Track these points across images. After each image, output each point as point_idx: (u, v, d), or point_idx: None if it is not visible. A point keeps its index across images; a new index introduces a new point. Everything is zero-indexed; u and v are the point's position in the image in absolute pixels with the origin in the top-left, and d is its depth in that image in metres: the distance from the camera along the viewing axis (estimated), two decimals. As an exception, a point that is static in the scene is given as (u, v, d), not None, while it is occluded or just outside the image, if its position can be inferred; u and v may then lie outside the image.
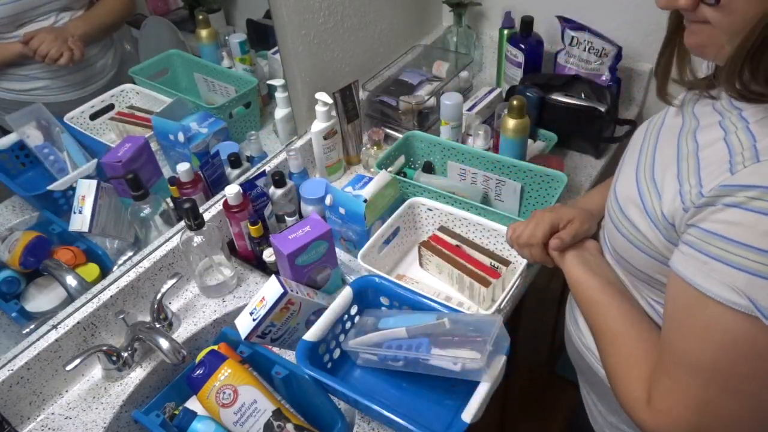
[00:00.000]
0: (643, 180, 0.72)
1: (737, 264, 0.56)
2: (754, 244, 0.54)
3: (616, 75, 1.45)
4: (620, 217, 0.74)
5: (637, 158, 0.77)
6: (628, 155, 0.83)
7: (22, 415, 0.94)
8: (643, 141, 0.80)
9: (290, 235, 1.01)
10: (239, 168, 1.25)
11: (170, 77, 1.32)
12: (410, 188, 1.22)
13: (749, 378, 0.59)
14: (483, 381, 0.83)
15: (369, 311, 1.00)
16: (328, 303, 0.98)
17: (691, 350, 0.61)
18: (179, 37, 1.30)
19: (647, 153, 0.76)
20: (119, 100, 1.22)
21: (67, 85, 1.13)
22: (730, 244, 0.56)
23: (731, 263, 0.56)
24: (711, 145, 0.63)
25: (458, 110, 1.33)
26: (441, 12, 1.75)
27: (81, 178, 1.07)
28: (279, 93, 1.29)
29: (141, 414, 0.93)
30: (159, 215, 1.12)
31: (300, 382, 0.94)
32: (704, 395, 0.61)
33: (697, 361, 0.61)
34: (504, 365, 0.85)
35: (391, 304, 1.00)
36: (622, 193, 0.75)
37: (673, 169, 0.67)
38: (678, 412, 0.62)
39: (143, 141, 1.12)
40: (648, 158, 0.74)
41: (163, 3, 1.28)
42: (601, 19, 1.45)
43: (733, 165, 0.58)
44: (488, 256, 1.10)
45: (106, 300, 1.01)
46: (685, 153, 0.67)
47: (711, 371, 0.60)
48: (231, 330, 1.02)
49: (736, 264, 0.56)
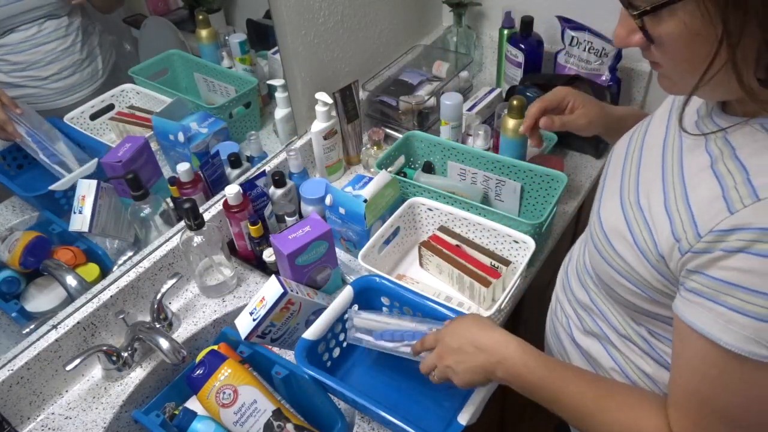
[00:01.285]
0: (629, 207, 0.69)
1: (753, 313, 0.52)
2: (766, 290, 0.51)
3: (616, 75, 1.45)
4: (606, 246, 0.71)
5: (620, 180, 0.74)
6: (610, 172, 0.80)
7: (22, 415, 0.94)
8: (625, 159, 0.77)
9: (290, 235, 1.01)
10: (239, 168, 1.25)
11: (170, 77, 1.32)
12: (410, 188, 1.22)
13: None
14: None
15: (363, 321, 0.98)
16: (328, 303, 0.98)
17: (730, 402, 0.58)
18: (179, 37, 1.30)
19: (630, 174, 0.73)
20: (119, 100, 1.22)
21: (53, 93, 1.13)
22: (745, 293, 0.53)
23: (747, 313, 0.53)
24: (698, 174, 0.60)
25: (458, 110, 1.33)
26: (441, 12, 1.75)
27: (81, 178, 1.07)
28: (279, 93, 1.29)
29: (141, 414, 0.93)
30: (159, 215, 1.12)
31: (300, 382, 0.94)
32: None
33: (740, 415, 0.59)
34: None
35: (391, 304, 1.00)
36: (608, 222, 0.72)
37: (658, 195, 0.64)
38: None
39: (143, 141, 1.12)
40: (632, 181, 0.71)
41: (163, 3, 1.28)
42: (601, 19, 1.45)
43: (729, 203, 0.55)
44: (488, 256, 1.10)
45: (106, 300, 1.01)
46: (671, 178, 0.64)
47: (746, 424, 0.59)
48: (231, 330, 1.02)
49: (753, 313, 0.52)
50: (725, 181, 0.56)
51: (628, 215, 0.68)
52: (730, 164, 0.57)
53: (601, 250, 0.72)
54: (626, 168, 0.75)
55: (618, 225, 0.69)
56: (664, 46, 0.55)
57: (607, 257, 0.71)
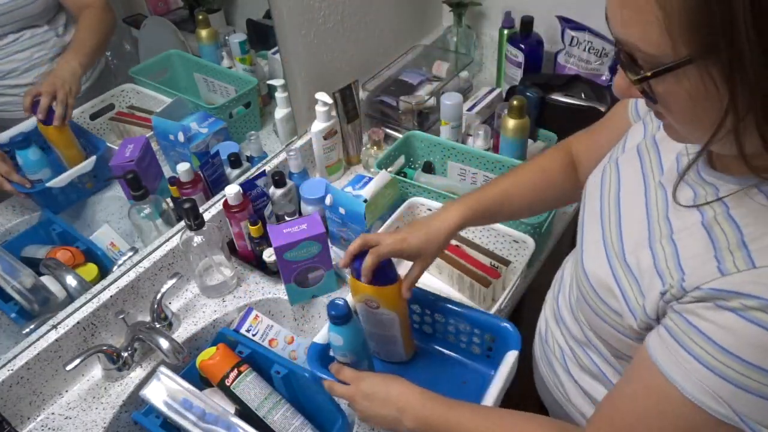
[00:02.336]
0: (616, 263, 0.65)
1: (721, 372, 0.50)
2: (743, 356, 0.49)
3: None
4: (595, 299, 0.68)
5: (601, 229, 0.71)
6: (587, 218, 0.76)
7: (22, 415, 0.94)
8: (601, 206, 0.73)
9: (286, 229, 1.01)
10: (239, 168, 1.25)
11: (170, 77, 1.32)
12: (410, 188, 1.22)
13: None
14: (494, 380, 0.82)
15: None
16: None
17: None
18: (179, 37, 1.30)
19: (610, 224, 0.70)
20: (119, 99, 1.22)
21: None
22: (715, 348, 0.51)
23: (714, 369, 0.51)
24: (687, 228, 0.58)
25: (458, 110, 1.33)
26: (441, 12, 1.75)
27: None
28: (279, 93, 1.29)
29: (141, 415, 0.93)
30: (159, 215, 1.12)
31: (300, 380, 0.94)
32: None
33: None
34: (516, 361, 0.84)
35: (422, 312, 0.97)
36: (595, 277, 0.68)
37: (646, 253, 0.61)
38: None
39: (145, 141, 1.12)
40: (613, 233, 0.68)
41: (163, 3, 1.28)
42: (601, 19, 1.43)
43: (721, 262, 0.52)
44: (488, 256, 1.10)
45: (106, 300, 1.01)
46: (658, 236, 0.61)
47: None
48: (228, 330, 1.02)
49: (720, 372, 0.50)
50: (719, 241, 0.54)
51: (617, 272, 0.65)
52: (725, 225, 0.54)
53: (590, 302, 0.70)
54: (605, 216, 0.71)
55: (607, 281, 0.66)
56: (669, 107, 0.51)
57: (596, 308, 0.69)
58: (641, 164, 0.70)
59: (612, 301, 0.65)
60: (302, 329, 1.14)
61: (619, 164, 0.74)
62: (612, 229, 0.69)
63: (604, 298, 0.67)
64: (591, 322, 0.72)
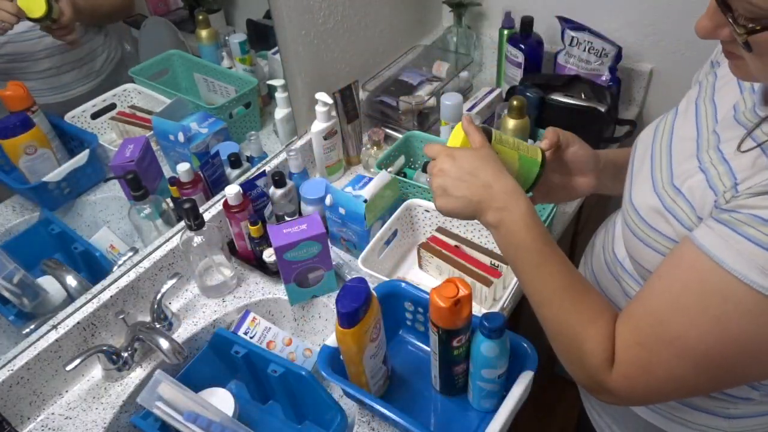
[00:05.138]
0: (663, 192, 0.68)
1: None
2: None
3: (616, 75, 1.45)
4: (646, 230, 0.69)
5: (651, 168, 0.73)
6: (636, 163, 0.78)
7: (22, 415, 0.94)
8: (653, 150, 0.75)
9: (286, 229, 1.01)
10: (239, 168, 1.25)
11: (170, 77, 1.32)
12: (410, 188, 1.22)
13: (740, 365, 0.57)
14: (507, 399, 0.81)
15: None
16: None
17: (686, 332, 0.58)
18: (179, 37, 1.30)
19: (661, 161, 0.72)
20: (121, 99, 1.22)
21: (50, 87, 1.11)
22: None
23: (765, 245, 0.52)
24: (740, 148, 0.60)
25: (458, 110, 1.33)
26: (441, 12, 1.75)
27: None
28: (279, 93, 1.29)
29: (139, 419, 0.93)
30: (159, 215, 1.12)
31: (297, 379, 0.94)
32: (682, 373, 0.59)
33: (691, 346, 0.58)
34: (530, 382, 0.82)
35: (415, 309, 0.98)
36: (644, 207, 0.70)
37: (698, 177, 0.64)
38: (648, 382, 0.61)
39: (145, 141, 1.12)
40: (664, 167, 0.71)
41: (163, 3, 1.28)
42: (601, 19, 1.45)
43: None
44: (488, 255, 1.10)
45: (106, 300, 1.01)
46: (708, 162, 0.64)
47: (704, 357, 0.57)
48: (225, 330, 1.02)
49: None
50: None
51: (665, 199, 0.67)
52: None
53: (641, 235, 0.70)
54: (655, 157, 0.73)
55: (657, 207, 0.67)
56: (763, 55, 0.55)
57: (648, 240, 0.69)
58: (696, 115, 0.72)
59: (664, 226, 0.66)
60: (302, 329, 1.14)
61: (675, 119, 0.75)
62: (663, 165, 0.71)
63: (654, 225, 0.68)
64: (644, 260, 0.71)
